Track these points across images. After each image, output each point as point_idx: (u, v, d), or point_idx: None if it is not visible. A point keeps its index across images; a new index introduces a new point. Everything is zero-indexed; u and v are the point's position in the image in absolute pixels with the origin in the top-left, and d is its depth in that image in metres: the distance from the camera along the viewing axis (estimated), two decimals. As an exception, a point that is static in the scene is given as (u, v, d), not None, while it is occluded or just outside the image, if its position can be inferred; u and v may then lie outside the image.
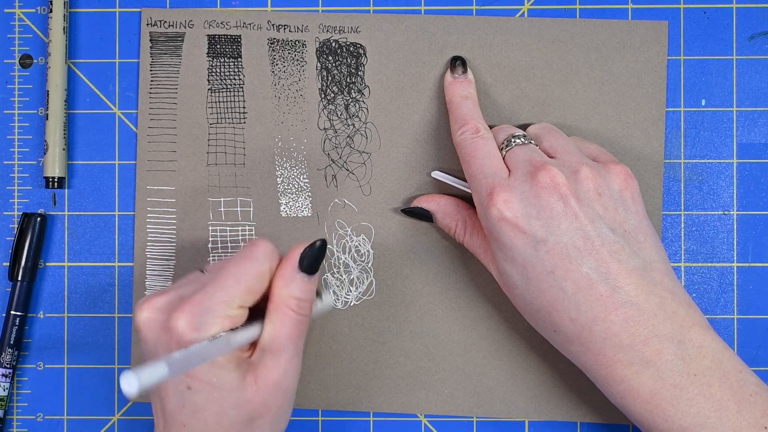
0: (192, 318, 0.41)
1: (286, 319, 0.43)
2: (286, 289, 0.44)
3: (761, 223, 0.52)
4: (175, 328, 0.41)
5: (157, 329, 0.42)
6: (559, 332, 0.44)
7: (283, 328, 0.43)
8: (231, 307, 0.42)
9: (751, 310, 0.52)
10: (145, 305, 0.43)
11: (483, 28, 0.52)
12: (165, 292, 0.43)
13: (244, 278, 0.43)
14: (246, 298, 0.43)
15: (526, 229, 0.43)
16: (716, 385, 0.41)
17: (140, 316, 0.43)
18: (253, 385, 0.42)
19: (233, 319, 0.42)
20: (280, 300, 0.43)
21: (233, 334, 0.41)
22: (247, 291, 0.43)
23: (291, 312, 0.43)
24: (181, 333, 0.41)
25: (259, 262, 0.43)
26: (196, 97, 0.53)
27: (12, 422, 0.53)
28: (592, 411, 0.51)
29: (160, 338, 0.42)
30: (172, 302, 0.42)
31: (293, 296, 0.43)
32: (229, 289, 0.42)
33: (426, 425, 0.52)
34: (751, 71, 0.52)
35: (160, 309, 0.42)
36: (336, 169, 0.52)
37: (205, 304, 0.41)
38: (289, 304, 0.43)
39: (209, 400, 0.42)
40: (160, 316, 0.42)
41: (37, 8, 0.53)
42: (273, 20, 0.53)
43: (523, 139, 0.46)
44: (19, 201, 0.53)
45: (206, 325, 0.41)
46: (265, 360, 0.43)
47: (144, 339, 0.43)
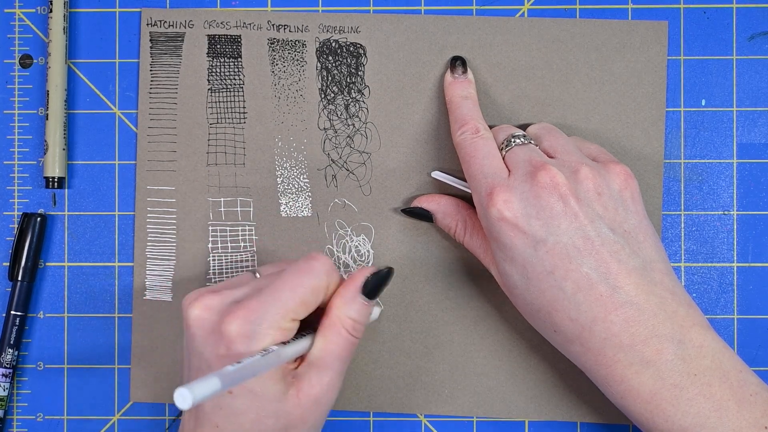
0: (245, 325, 0.40)
1: (340, 339, 0.43)
2: (344, 309, 0.43)
3: (761, 223, 0.52)
4: (228, 332, 0.40)
5: (207, 329, 0.42)
6: (559, 332, 0.44)
7: (335, 346, 0.43)
8: (285, 319, 0.41)
9: (751, 310, 0.52)
10: (197, 302, 0.42)
11: (483, 28, 0.52)
12: (217, 291, 0.43)
13: (301, 291, 0.42)
14: (300, 312, 0.42)
15: (526, 229, 0.43)
16: (716, 385, 0.41)
17: (192, 312, 0.42)
18: (295, 398, 0.42)
19: (285, 332, 0.41)
20: (336, 319, 0.43)
21: (284, 348, 0.41)
22: (302, 304, 0.42)
23: (345, 332, 0.43)
24: (233, 339, 0.40)
25: (318, 277, 0.43)
26: (196, 97, 0.53)
27: (12, 422, 0.53)
28: (592, 411, 0.51)
29: (209, 338, 0.41)
30: (225, 304, 0.42)
31: (351, 317, 0.43)
32: (286, 302, 0.42)
33: (426, 425, 0.52)
34: (751, 71, 0.52)
35: (213, 309, 0.42)
36: (336, 169, 0.52)
37: (259, 313, 0.41)
38: (345, 324, 0.43)
39: (249, 407, 0.41)
40: (212, 316, 0.42)
41: (37, 8, 0.53)
42: (273, 20, 0.53)
43: (523, 139, 0.46)
44: (19, 201, 0.53)
45: (259, 335, 0.41)
46: (311, 375, 0.42)
47: (192, 335, 0.42)
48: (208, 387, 0.34)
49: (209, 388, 0.34)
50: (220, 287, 0.44)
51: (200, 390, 0.33)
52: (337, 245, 0.52)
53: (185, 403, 0.33)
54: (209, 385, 0.34)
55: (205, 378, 0.34)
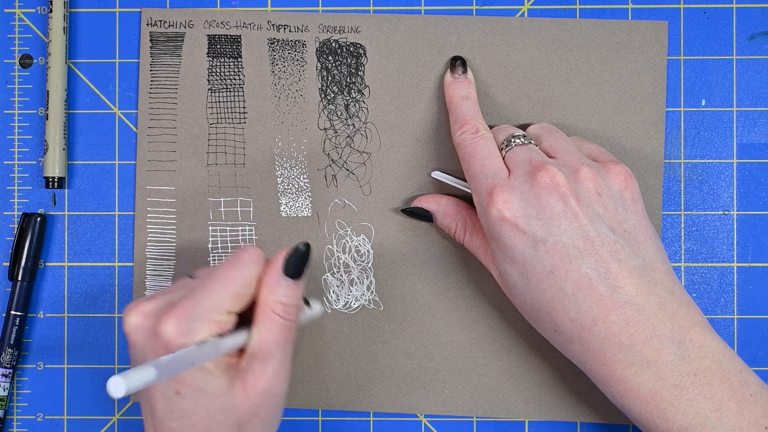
0: (180, 323, 0.41)
1: (273, 325, 0.43)
2: (271, 294, 0.43)
3: (761, 223, 0.52)
4: (163, 333, 0.41)
5: (145, 334, 0.42)
6: (559, 332, 0.44)
7: (270, 333, 0.43)
8: (219, 312, 0.42)
9: (751, 310, 0.52)
10: (134, 310, 0.43)
11: (483, 28, 0.52)
12: (153, 297, 0.43)
13: (232, 283, 0.42)
14: (234, 304, 0.42)
15: (526, 229, 0.43)
16: (716, 385, 0.41)
17: (129, 321, 0.42)
18: (242, 391, 0.42)
19: (221, 325, 0.42)
20: (266, 306, 0.43)
21: (221, 340, 0.41)
22: (234, 296, 0.42)
23: (277, 317, 0.43)
24: (169, 338, 0.41)
25: (246, 267, 0.43)
26: (196, 97, 0.53)
27: (12, 422, 0.53)
28: (592, 411, 0.51)
29: (147, 343, 0.42)
30: (160, 307, 0.42)
31: (279, 301, 0.43)
32: (217, 295, 0.42)
33: (426, 425, 0.52)
34: (751, 71, 0.52)
35: (149, 314, 0.42)
36: (336, 169, 0.52)
37: (193, 310, 0.41)
38: (275, 309, 0.43)
39: (197, 405, 0.41)
40: (148, 321, 0.42)
41: (37, 8, 0.53)
42: (273, 20, 0.53)
43: (522, 139, 0.46)
44: (19, 201, 0.53)
45: (194, 331, 0.41)
46: (253, 366, 0.43)
47: (132, 344, 0.43)
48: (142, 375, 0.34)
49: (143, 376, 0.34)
50: (156, 294, 0.44)
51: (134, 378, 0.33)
52: (337, 245, 0.52)
53: (119, 392, 0.33)
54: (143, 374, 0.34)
55: (140, 367, 0.34)
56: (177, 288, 0.44)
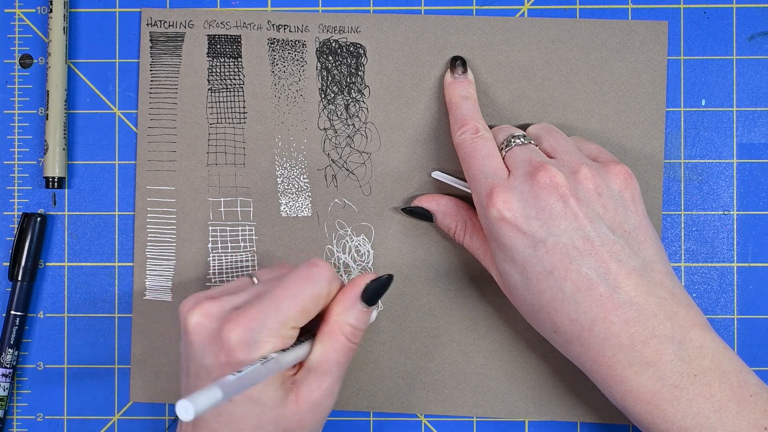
0: (245, 333, 0.40)
1: (338, 345, 0.43)
2: (344, 315, 0.43)
3: (761, 223, 0.52)
4: (227, 340, 0.40)
5: (207, 336, 0.41)
6: (559, 332, 0.44)
7: (334, 352, 0.43)
8: (285, 327, 0.41)
9: (751, 310, 0.52)
10: (197, 309, 0.42)
11: (483, 28, 0.52)
12: (216, 297, 0.43)
13: (302, 300, 0.42)
14: (300, 319, 0.42)
15: (526, 230, 0.43)
16: (716, 386, 0.41)
17: (191, 319, 0.42)
18: (294, 404, 0.42)
19: (285, 340, 0.41)
20: (336, 325, 0.43)
21: (283, 355, 0.41)
22: (302, 312, 0.42)
23: (344, 339, 0.43)
24: (233, 347, 0.40)
25: (319, 285, 0.43)
26: (196, 97, 0.53)
27: (12, 422, 0.53)
28: (592, 411, 0.51)
29: (209, 345, 0.41)
30: (224, 311, 0.42)
31: (349, 324, 0.43)
32: (286, 310, 0.41)
33: (426, 425, 0.52)
34: (751, 71, 0.52)
35: (212, 316, 0.42)
36: (336, 169, 0.52)
37: (260, 321, 0.41)
38: (344, 330, 0.43)
39: (248, 415, 0.41)
40: (212, 323, 0.42)
41: (37, 8, 0.53)
42: (273, 20, 0.53)
43: (522, 140, 0.46)
44: (19, 201, 0.53)
45: (259, 343, 0.40)
46: (310, 380, 0.42)
47: (191, 342, 0.42)
48: (210, 398, 0.34)
49: (211, 398, 0.34)
50: (218, 293, 0.44)
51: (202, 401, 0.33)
52: (337, 245, 0.52)
53: (188, 415, 0.32)
54: (211, 396, 0.34)
55: (207, 389, 0.34)
56: (239, 289, 0.44)
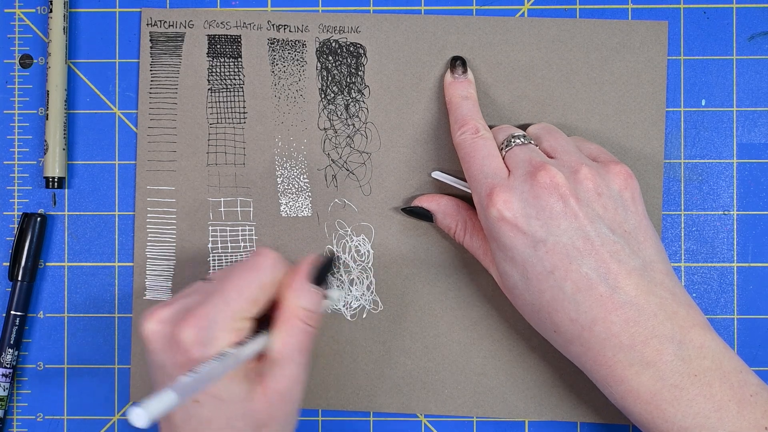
0: (198, 331, 0.41)
1: (296, 330, 0.43)
2: (296, 300, 0.43)
3: (761, 223, 0.52)
4: (182, 340, 0.41)
5: (163, 341, 0.42)
6: (559, 332, 0.44)
7: (292, 338, 0.43)
8: (236, 320, 0.41)
9: (751, 310, 0.52)
10: (151, 317, 0.42)
11: (483, 28, 0.52)
12: (170, 303, 0.43)
13: (249, 289, 0.42)
14: (251, 310, 0.42)
15: (526, 230, 0.43)
16: (717, 386, 0.41)
17: (146, 327, 0.42)
18: (262, 396, 0.42)
19: (239, 332, 0.42)
20: (289, 311, 0.43)
21: (241, 349, 0.41)
22: (252, 302, 0.42)
23: (300, 323, 0.43)
24: (188, 346, 0.40)
25: (264, 272, 0.43)
26: (196, 97, 0.53)
27: (12, 422, 0.53)
28: (592, 411, 0.51)
29: (166, 350, 0.42)
30: (177, 313, 0.42)
31: (303, 307, 0.43)
32: (234, 302, 0.42)
33: (426, 425, 0.52)
34: (751, 71, 0.52)
35: (166, 320, 0.42)
36: (336, 169, 0.52)
37: (210, 317, 0.41)
38: (299, 315, 0.43)
39: (217, 413, 0.41)
40: (166, 327, 0.42)
41: (37, 8, 0.53)
42: (273, 20, 0.53)
43: (522, 139, 0.46)
44: (19, 201, 0.53)
45: (213, 339, 0.41)
46: (274, 370, 0.43)
47: (150, 350, 0.42)
48: (163, 402, 0.33)
49: (165, 402, 0.33)
50: (172, 299, 0.44)
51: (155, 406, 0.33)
52: (337, 245, 0.52)
53: (141, 421, 0.32)
54: (165, 400, 0.33)
55: (160, 393, 0.34)
56: (193, 292, 0.44)
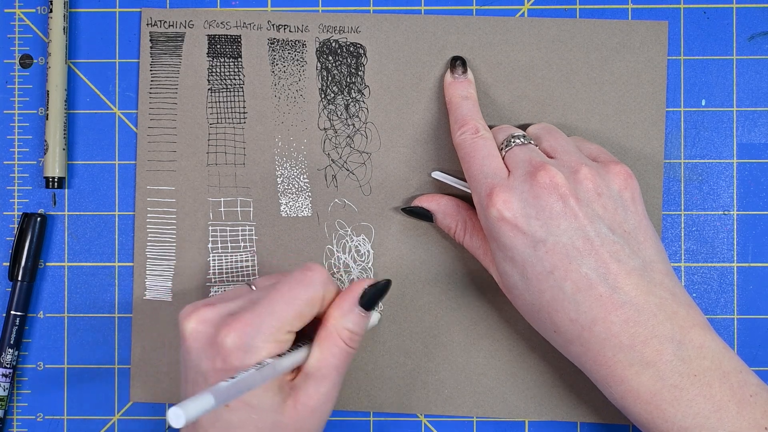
0: (241, 338, 0.40)
1: (336, 350, 0.43)
2: (341, 320, 0.43)
3: (761, 223, 0.52)
4: (223, 345, 0.41)
5: (203, 342, 0.42)
6: (559, 332, 0.44)
7: (332, 357, 0.43)
8: (281, 331, 0.41)
9: (751, 310, 0.52)
10: (193, 316, 0.42)
11: (483, 28, 0.52)
12: (212, 303, 0.43)
13: (296, 303, 0.42)
14: (296, 324, 0.42)
15: (526, 229, 0.43)
16: (716, 386, 0.41)
17: (188, 326, 0.42)
18: (293, 409, 0.42)
19: (281, 344, 0.41)
20: (333, 330, 0.43)
21: (279, 361, 0.41)
22: (297, 316, 0.42)
23: (342, 343, 0.43)
24: (229, 352, 0.40)
25: (313, 288, 0.43)
26: (196, 97, 0.53)
27: (12, 422, 0.53)
28: (592, 411, 0.51)
29: (206, 351, 0.41)
30: (221, 316, 0.42)
31: (347, 329, 0.43)
32: (281, 314, 0.41)
33: (426, 425, 0.52)
34: (751, 71, 0.52)
35: (209, 322, 0.42)
36: (336, 169, 0.52)
37: (255, 326, 0.41)
38: (342, 335, 0.43)
39: (246, 421, 0.41)
40: (208, 329, 0.42)
41: (37, 8, 0.53)
42: (273, 20, 0.53)
43: (522, 140, 0.46)
44: (19, 201, 0.53)
45: (255, 348, 0.41)
46: (308, 385, 0.43)
47: (188, 349, 0.42)
48: (201, 404, 0.34)
49: (202, 405, 0.34)
50: (215, 300, 0.44)
51: (193, 408, 0.33)
52: (337, 245, 0.52)
53: (179, 422, 0.32)
54: (202, 403, 0.34)
55: (199, 395, 0.34)
56: (236, 296, 0.44)
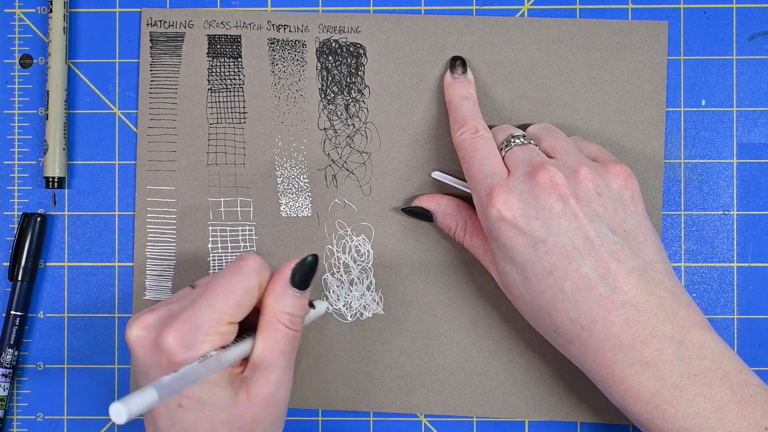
0: (182, 336, 0.41)
1: (278, 335, 0.43)
2: (278, 304, 0.43)
3: (761, 223, 0.52)
4: (166, 346, 0.41)
5: (147, 347, 0.42)
6: (559, 332, 0.44)
7: (275, 343, 0.43)
8: (221, 323, 0.41)
9: (751, 310, 0.52)
10: (136, 322, 0.42)
11: (483, 28, 0.52)
12: (155, 308, 0.43)
13: (233, 294, 0.42)
14: (235, 314, 0.42)
15: (525, 229, 0.43)
16: (716, 386, 0.41)
17: (131, 333, 0.42)
18: (245, 401, 0.42)
19: (223, 336, 0.42)
20: (271, 316, 0.43)
21: (224, 353, 0.41)
22: (236, 307, 0.42)
23: (283, 327, 0.43)
24: (172, 351, 0.40)
25: (248, 276, 0.43)
26: (196, 97, 0.53)
27: (12, 422, 0.53)
28: (592, 411, 0.51)
29: (150, 356, 0.42)
30: (162, 319, 0.42)
31: (285, 312, 0.43)
32: (218, 305, 0.42)
33: (426, 425, 0.52)
34: (751, 71, 0.52)
35: (151, 326, 0.42)
36: (336, 169, 0.52)
37: (194, 321, 0.41)
38: (281, 319, 0.43)
39: (201, 418, 0.41)
40: (150, 333, 0.42)
41: (37, 8, 0.53)
42: (273, 20, 0.53)
43: (522, 139, 0.46)
44: (19, 201, 0.53)
45: (196, 343, 0.41)
46: (257, 376, 0.42)
47: (135, 356, 0.43)
48: (143, 399, 0.33)
49: (145, 399, 0.33)
50: (157, 306, 0.44)
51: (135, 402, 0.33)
52: (337, 245, 0.52)
53: (120, 417, 0.32)
54: (145, 397, 0.33)
55: (141, 390, 0.34)
56: (178, 298, 0.44)
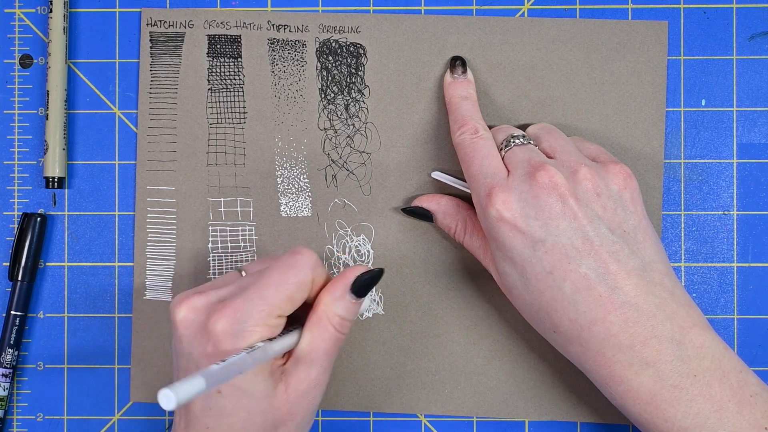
0: (231, 324, 0.40)
1: (327, 335, 0.43)
2: (333, 306, 0.43)
3: (761, 223, 0.52)
4: (214, 331, 0.41)
5: (194, 329, 0.42)
6: (559, 333, 0.44)
7: (322, 342, 0.43)
8: (271, 316, 0.41)
9: (751, 310, 0.52)
10: (184, 304, 0.42)
11: (483, 28, 0.52)
12: (203, 291, 0.43)
13: (286, 287, 0.42)
14: (286, 308, 0.42)
15: (525, 230, 0.43)
16: (716, 386, 0.41)
17: (179, 314, 0.42)
18: (284, 394, 0.42)
19: (272, 329, 0.41)
20: (324, 315, 0.43)
21: (270, 345, 0.41)
22: (287, 300, 0.42)
23: (332, 329, 0.43)
24: (220, 337, 0.40)
25: (302, 271, 0.43)
26: (196, 97, 0.53)
27: (12, 422, 0.53)
28: (592, 411, 0.51)
29: (197, 338, 0.41)
30: (211, 303, 0.42)
31: (338, 314, 0.43)
32: (270, 298, 0.41)
33: (426, 425, 0.52)
34: (751, 71, 0.52)
35: (199, 309, 0.42)
36: (336, 169, 0.52)
37: (245, 311, 0.41)
38: (333, 321, 0.43)
39: (238, 406, 0.41)
40: (198, 316, 0.42)
41: (37, 8, 0.53)
42: (273, 20, 0.53)
43: (522, 140, 0.46)
44: (19, 201, 0.53)
45: (245, 333, 0.41)
46: (299, 370, 0.43)
47: (180, 337, 0.42)
48: (192, 387, 0.33)
49: (193, 387, 0.34)
50: (205, 287, 0.44)
51: (184, 390, 0.33)
52: (337, 245, 0.52)
53: (170, 404, 0.32)
54: (193, 385, 0.34)
55: (189, 378, 0.34)
56: (226, 283, 0.44)
